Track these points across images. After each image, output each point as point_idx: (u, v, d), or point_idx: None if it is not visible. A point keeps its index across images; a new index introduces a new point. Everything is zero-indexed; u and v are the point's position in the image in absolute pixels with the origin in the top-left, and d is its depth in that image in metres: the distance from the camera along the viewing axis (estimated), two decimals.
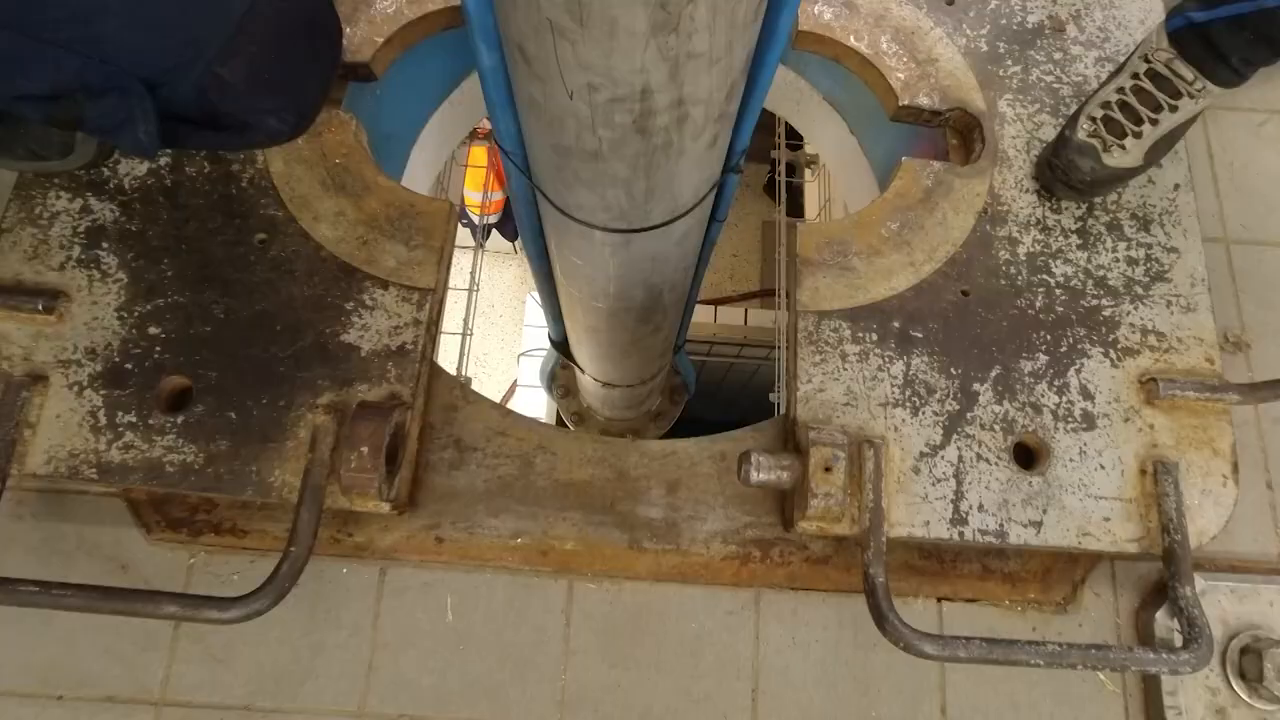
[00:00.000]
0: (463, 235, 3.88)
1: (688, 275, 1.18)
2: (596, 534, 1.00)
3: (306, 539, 0.87)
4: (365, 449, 0.88)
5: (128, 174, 1.04)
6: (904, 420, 1.00)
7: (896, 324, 1.04)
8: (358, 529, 0.99)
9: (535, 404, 3.55)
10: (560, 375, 2.58)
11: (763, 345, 3.54)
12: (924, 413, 1.01)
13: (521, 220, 1.29)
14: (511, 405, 3.88)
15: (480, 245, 2.23)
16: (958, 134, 1.20)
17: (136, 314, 0.97)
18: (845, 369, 1.02)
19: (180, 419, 0.93)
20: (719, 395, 4.42)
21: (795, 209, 3.03)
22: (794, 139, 2.50)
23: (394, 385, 0.97)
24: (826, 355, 1.02)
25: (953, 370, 1.03)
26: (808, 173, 2.40)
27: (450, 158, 1.96)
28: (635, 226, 0.88)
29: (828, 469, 0.91)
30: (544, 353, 2.62)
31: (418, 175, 1.57)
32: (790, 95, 1.61)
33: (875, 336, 1.04)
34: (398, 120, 1.39)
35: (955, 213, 1.10)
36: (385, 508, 0.92)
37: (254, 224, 1.03)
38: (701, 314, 3.43)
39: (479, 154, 2.73)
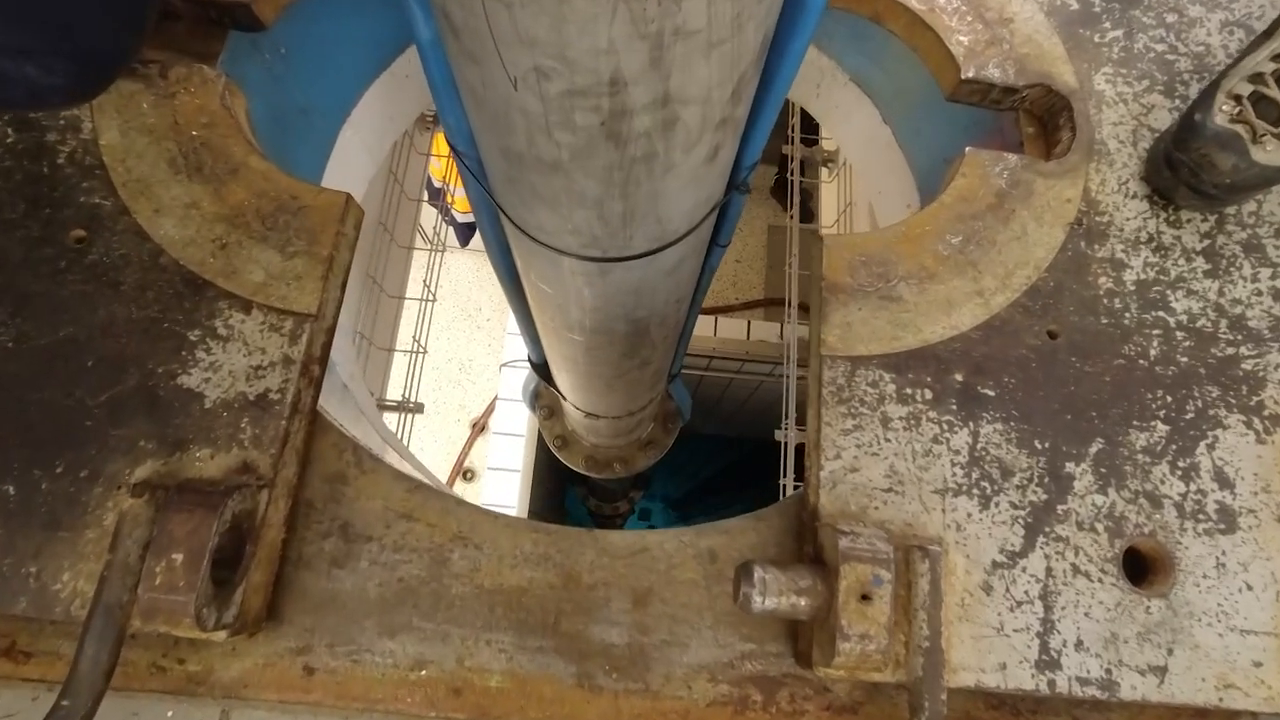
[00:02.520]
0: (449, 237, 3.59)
1: (681, 307, 0.91)
2: (532, 665, 0.71)
3: (91, 685, 0.58)
4: (179, 556, 0.59)
5: None
6: (970, 515, 0.71)
7: (958, 377, 0.75)
8: (192, 654, 0.70)
9: (518, 420, 3.26)
10: (544, 394, 2.30)
11: (766, 361, 3.25)
12: (998, 504, 0.72)
13: (485, 230, 1.01)
14: (491, 422, 3.59)
15: (441, 246, 1.95)
16: (1035, 120, 0.91)
17: None
18: (888, 440, 0.73)
19: None
20: (716, 412, 4.13)
21: (807, 215, 2.74)
22: (808, 132, 2.21)
23: (247, 452, 0.68)
24: (862, 420, 0.73)
25: (1036, 444, 0.74)
26: (824, 172, 2.12)
27: (406, 141, 1.69)
28: (612, 255, 0.67)
29: (865, 597, 0.62)
30: (528, 362, 2.35)
31: (352, 160, 1.29)
32: (808, 76, 1.32)
33: (929, 394, 0.75)
34: (317, 90, 1.10)
35: (1038, 224, 0.81)
36: (221, 635, 0.64)
37: (70, 216, 0.74)
38: (701, 325, 3.14)
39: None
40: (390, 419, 2.12)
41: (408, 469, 1.00)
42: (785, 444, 1.75)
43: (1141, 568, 0.73)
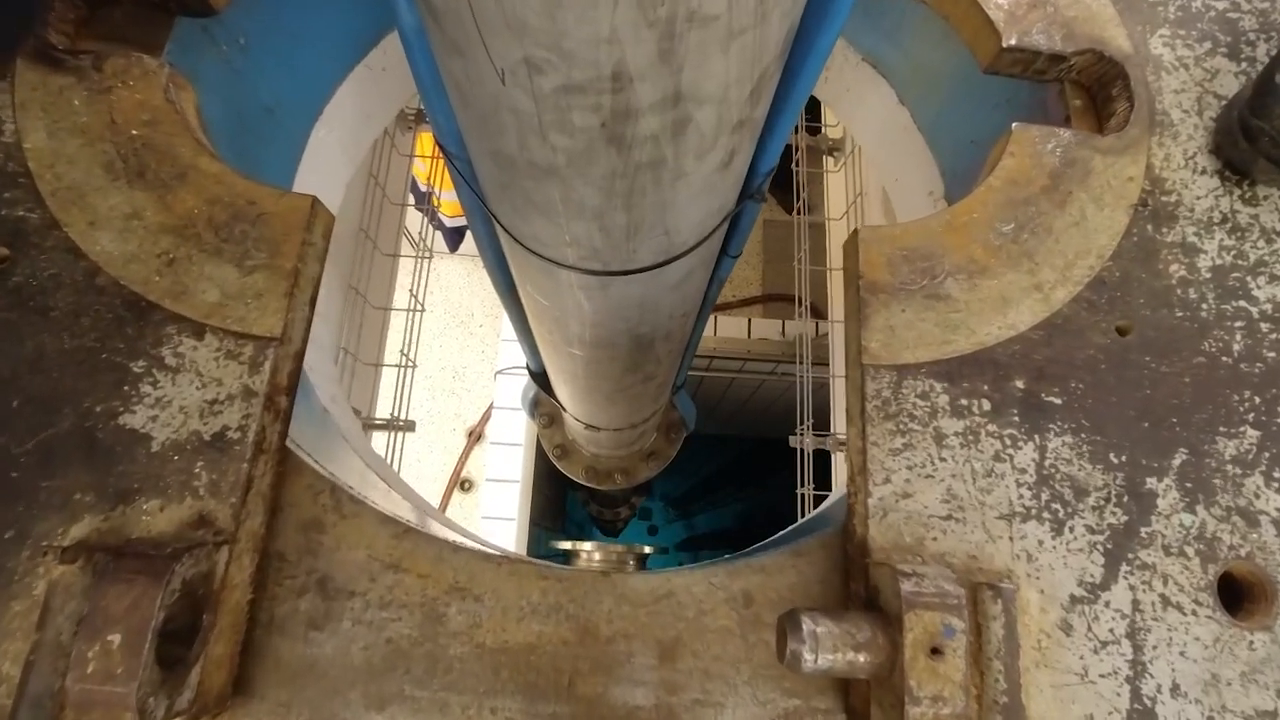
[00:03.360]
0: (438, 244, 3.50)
1: (687, 321, 0.82)
2: None
3: None
4: (116, 637, 0.49)
5: None
6: (1042, 543, 0.62)
7: (1019, 384, 0.66)
8: None
9: (515, 428, 3.16)
10: (544, 401, 2.20)
11: (768, 360, 3.16)
12: (1072, 529, 0.63)
13: (479, 236, 0.92)
14: (487, 431, 3.49)
15: (428, 252, 1.85)
16: (1083, 91, 0.81)
17: None
18: (943, 458, 0.64)
19: None
20: (716, 413, 4.05)
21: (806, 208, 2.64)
22: (809, 118, 2.11)
23: (204, 502, 0.58)
24: (912, 437, 0.64)
25: (1112, 457, 0.65)
26: (829, 162, 2.02)
27: (386, 141, 1.58)
28: (615, 269, 0.61)
29: (935, 651, 0.53)
30: (525, 370, 2.25)
31: (327, 162, 1.18)
32: None
33: (988, 404, 0.65)
34: (284, 86, 1.00)
35: (1098, 207, 0.72)
36: None
37: None
38: None
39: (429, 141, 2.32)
40: (383, 439, 2.02)
41: (397, 501, 0.91)
42: (801, 450, 1.66)
43: (1238, 595, 0.63)
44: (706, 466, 8.20)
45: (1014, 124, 0.74)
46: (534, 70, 0.40)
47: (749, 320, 3.13)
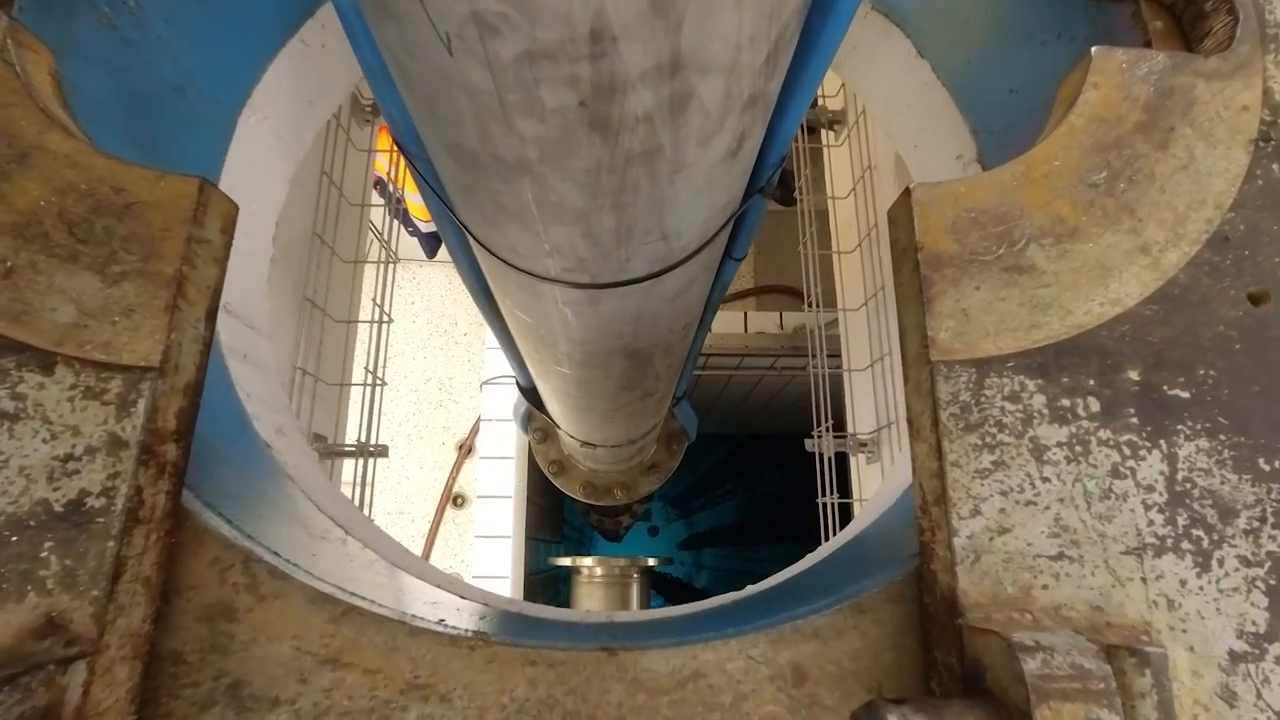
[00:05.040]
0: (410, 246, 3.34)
1: (689, 332, 0.71)
2: None
3: None
4: None
5: None
6: (1185, 583, 0.47)
7: (1133, 375, 0.51)
8: None
9: (505, 441, 3.00)
10: (537, 416, 2.05)
11: (767, 354, 3.01)
12: (1222, 561, 0.48)
13: (451, 247, 0.78)
14: (477, 444, 3.32)
15: (394, 257, 1.68)
16: (1164, 10, 0.66)
17: None
18: (1046, 479, 0.49)
19: None
20: (713, 412, 3.91)
21: (790, 187, 2.49)
22: None
23: (53, 599, 0.42)
24: (1004, 453, 0.49)
25: (1263, 463, 0.50)
26: (829, 135, 1.87)
27: (339, 133, 1.41)
28: (604, 281, 0.53)
29: None
30: (514, 384, 2.10)
31: (262, 155, 1.02)
32: None
33: (1096, 405, 0.50)
34: (194, 63, 0.84)
35: (1208, 145, 0.57)
36: None
37: None
38: None
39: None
40: (381, 465, 1.85)
41: (354, 555, 0.75)
42: (820, 454, 1.50)
43: None
44: (703, 464, 8.07)
45: (1094, 48, 0.59)
46: (487, 31, 0.30)
47: (744, 314, 2.98)
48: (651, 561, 2.69)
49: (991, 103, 0.91)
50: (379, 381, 1.57)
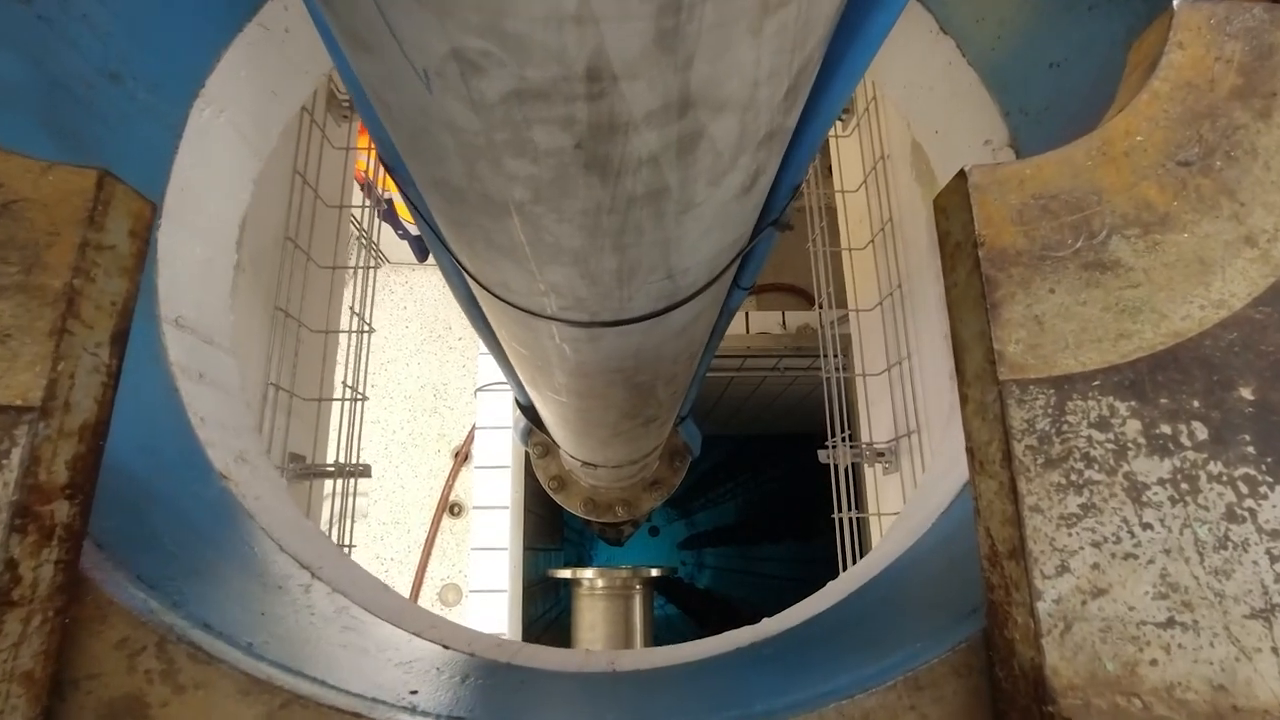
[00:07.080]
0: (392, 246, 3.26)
1: (694, 363, 0.65)
2: None
3: None
4: None
5: None
6: None
7: (1246, 394, 0.42)
8: None
9: (501, 450, 2.91)
10: (537, 431, 1.96)
11: (769, 355, 2.92)
12: None
13: (443, 265, 0.70)
14: (474, 451, 3.23)
15: (373, 261, 1.58)
16: None
17: None
18: (1147, 525, 0.40)
19: None
20: (713, 415, 3.83)
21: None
22: None
23: None
24: (1095, 494, 0.40)
25: None
26: (837, 125, 1.78)
27: (311, 128, 1.31)
28: (605, 319, 0.48)
29: None
30: (514, 402, 2.01)
31: (219, 152, 0.93)
32: None
33: (1203, 431, 0.41)
34: (129, 47, 0.74)
35: None
36: None
37: None
38: None
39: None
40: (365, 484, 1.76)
41: (318, 600, 0.66)
42: (834, 466, 1.41)
43: None
44: (705, 464, 8.01)
45: (1176, 2, 0.50)
46: (469, 70, 0.27)
47: (746, 314, 2.89)
48: (655, 572, 2.60)
49: (1029, 80, 0.82)
50: (359, 396, 1.47)
